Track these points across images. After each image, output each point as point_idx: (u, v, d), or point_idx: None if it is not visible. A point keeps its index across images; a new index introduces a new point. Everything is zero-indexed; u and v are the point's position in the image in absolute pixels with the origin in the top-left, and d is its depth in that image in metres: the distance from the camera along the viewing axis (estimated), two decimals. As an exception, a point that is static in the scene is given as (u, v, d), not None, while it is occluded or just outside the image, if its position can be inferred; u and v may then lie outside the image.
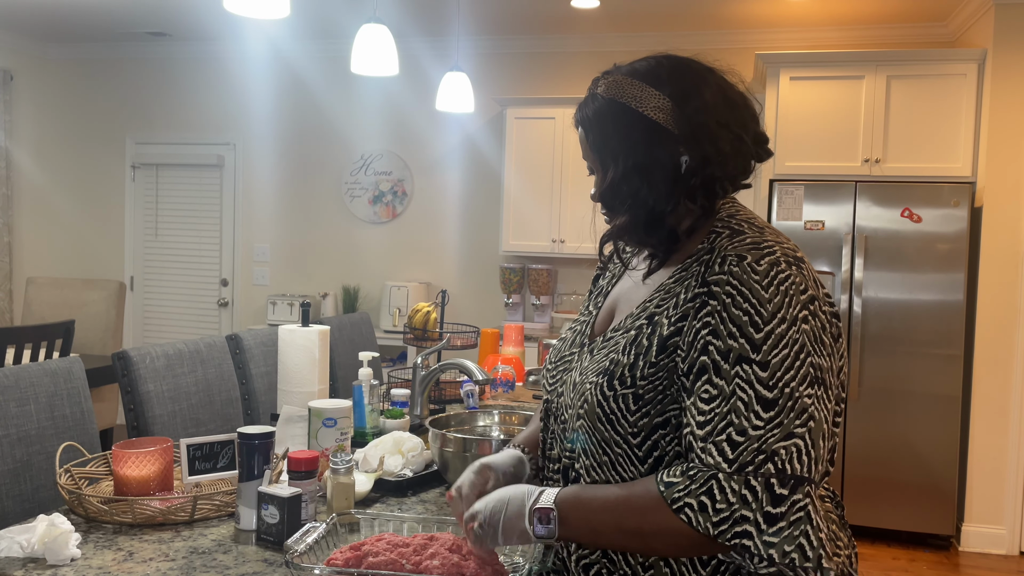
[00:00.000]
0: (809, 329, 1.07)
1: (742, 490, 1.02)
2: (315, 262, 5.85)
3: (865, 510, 4.20)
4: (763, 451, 1.02)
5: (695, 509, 1.04)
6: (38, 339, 3.71)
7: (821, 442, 1.04)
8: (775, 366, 1.04)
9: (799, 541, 1.00)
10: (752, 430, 1.03)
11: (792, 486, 1.02)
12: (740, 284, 1.08)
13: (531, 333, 4.91)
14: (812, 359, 1.06)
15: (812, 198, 4.28)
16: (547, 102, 5.05)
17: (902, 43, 4.81)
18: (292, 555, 1.20)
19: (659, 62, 1.21)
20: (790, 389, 1.04)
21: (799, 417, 1.03)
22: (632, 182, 1.17)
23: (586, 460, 1.20)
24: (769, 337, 1.05)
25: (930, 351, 4.13)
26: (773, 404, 1.03)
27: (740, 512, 1.02)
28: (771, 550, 1.00)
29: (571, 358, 1.31)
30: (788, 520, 1.01)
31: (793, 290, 1.08)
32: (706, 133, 1.15)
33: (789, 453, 1.02)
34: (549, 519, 1.12)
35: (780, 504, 1.01)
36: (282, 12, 2.27)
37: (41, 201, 6.25)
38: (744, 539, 1.01)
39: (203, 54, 5.95)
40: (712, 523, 1.02)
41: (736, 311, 1.07)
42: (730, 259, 1.10)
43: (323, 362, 2.36)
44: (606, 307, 1.33)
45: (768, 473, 1.02)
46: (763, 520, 1.01)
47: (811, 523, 1.01)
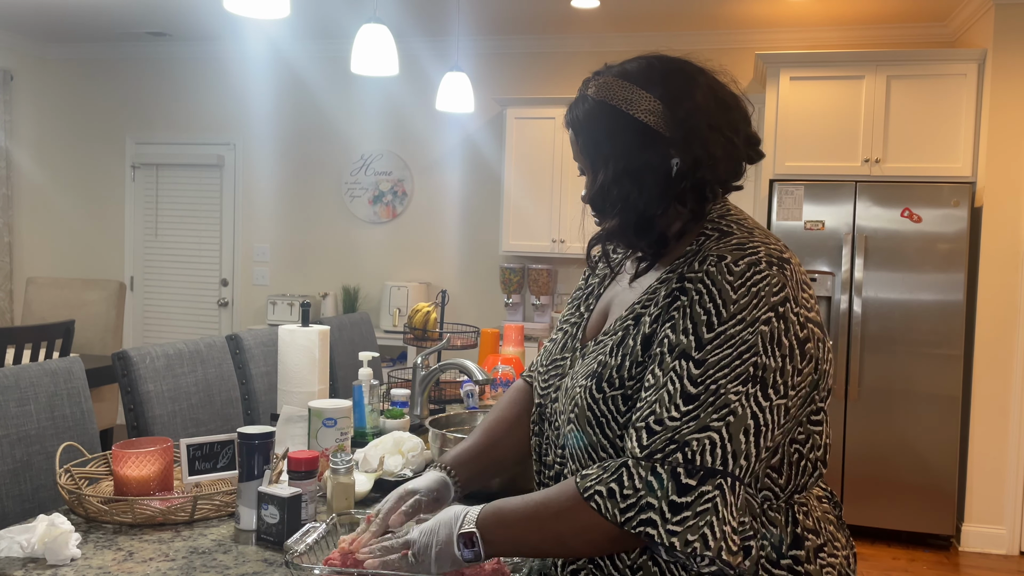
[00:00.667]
0: (768, 331, 1.06)
1: (648, 476, 1.02)
2: (315, 262, 5.85)
3: (865, 510, 4.20)
4: (675, 441, 1.02)
5: (604, 496, 1.04)
6: (38, 339, 3.71)
7: (743, 437, 1.03)
8: (710, 364, 1.05)
9: (703, 531, 1.00)
10: (669, 420, 1.04)
11: (701, 477, 1.01)
12: (712, 284, 1.08)
13: (531, 333, 4.91)
14: (757, 359, 1.05)
15: (812, 198, 4.28)
16: (547, 102, 5.05)
17: (902, 43, 4.81)
18: (292, 555, 1.20)
19: (650, 63, 1.20)
20: (716, 386, 1.04)
21: (718, 412, 1.03)
22: (622, 185, 1.16)
23: (573, 465, 1.20)
24: (718, 337, 1.05)
25: (930, 351, 4.13)
26: (695, 399, 1.04)
27: (645, 499, 1.02)
28: (674, 538, 1.00)
29: (563, 362, 1.30)
30: (694, 510, 1.00)
31: (765, 291, 1.07)
32: (697, 136, 1.14)
33: (701, 445, 1.02)
34: (473, 542, 1.12)
35: (686, 494, 1.01)
36: (282, 12, 2.27)
37: (41, 201, 6.25)
38: (648, 527, 1.01)
39: (203, 54, 5.95)
40: (619, 509, 1.03)
41: (699, 309, 1.08)
42: (710, 259, 1.11)
43: (323, 362, 2.36)
44: (598, 310, 1.32)
45: (676, 462, 1.02)
46: (668, 509, 1.01)
47: (717, 515, 1.00)
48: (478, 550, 1.12)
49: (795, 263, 1.13)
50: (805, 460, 1.15)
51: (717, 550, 1.00)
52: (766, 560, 1.11)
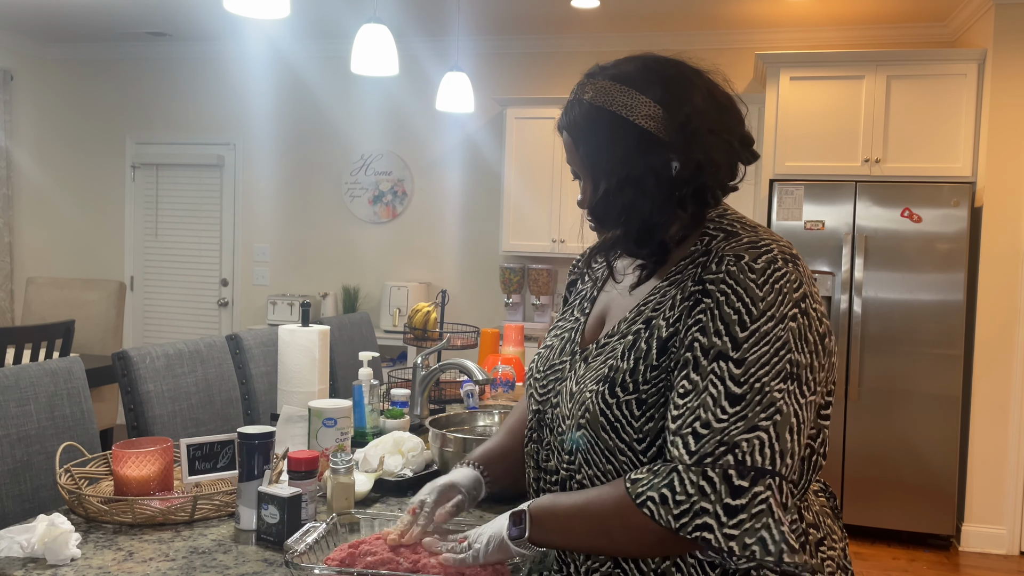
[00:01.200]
0: (796, 327, 1.06)
1: (700, 481, 1.01)
2: (315, 262, 5.85)
3: (865, 510, 4.20)
4: (724, 443, 1.02)
5: (656, 502, 1.03)
6: (38, 339, 3.71)
7: (789, 435, 1.03)
8: (750, 363, 1.04)
9: (760, 534, 0.99)
10: (716, 423, 1.03)
11: (753, 478, 1.00)
12: (736, 283, 1.08)
13: (531, 333, 4.91)
14: (792, 355, 1.05)
15: (812, 198, 4.28)
16: (547, 102, 5.05)
17: (902, 43, 4.81)
18: (292, 555, 1.20)
19: (646, 65, 1.18)
20: (760, 384, 1.03)
21: (765, 411, 1.02)
22: (626, 194, 1.15)
23: (589, 470, 1.18)
24: (753, 335, 1.05)
25: (930, 351, 4.13)
26: (740, 399, 1.03)
27: (699, 504, 1.01)
28: (731, 543, 0.99)
29: (562, 367, 1.28)
30: (749, 512, 0.99)
31: (787, 288, 1.07)
32: (698, 141, 1.13)
33: (751, 445, 1.01)
34: (521, 519, 1.13)
35: (740, 496, 1.00)
36: (282, 12, 2.27)
37: (41, 201, 6.25)
38: (705, 532, 1.00)
39: (203, 54, 5.95)
40: (673, 516, 1.02)
41: (728, 309, 1.07)
42: (727, 259, 1.10)
43: (323, 362, 2.36)
44: (595, 313, 1.31)
45: (727, 464, 1.01)
46: (723, 512, 1.00)
47: (773, 516, 0.99)
48: (523, 527, 1.12)
49: (802, 260, 1.14)
50: (816, 455, 1.15)
51: (779, 553, 0.99)
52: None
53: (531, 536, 1.12)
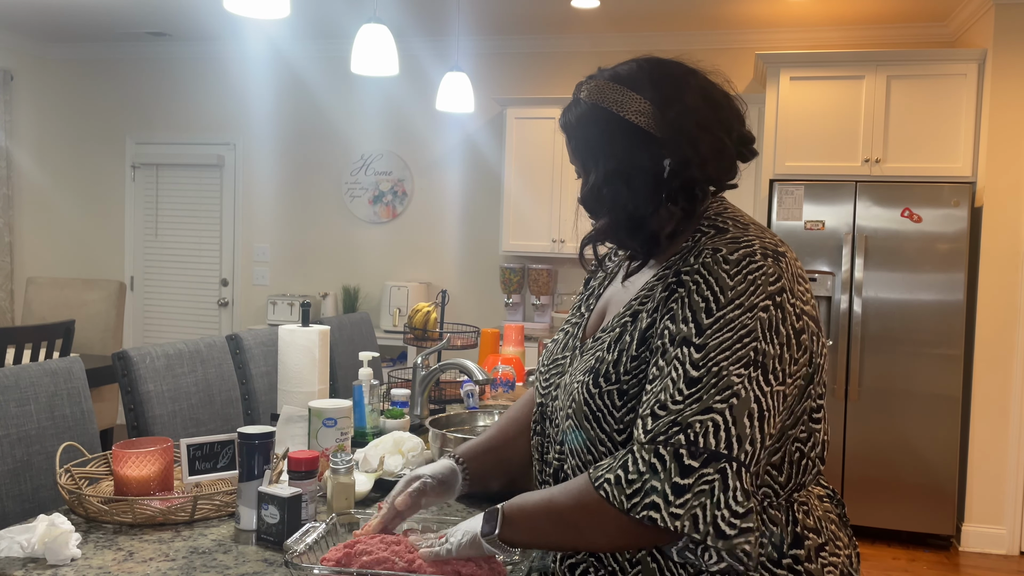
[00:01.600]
0: (766, 317, 1.06)
1: (651, 459, 1.03)
2: (315, 262, 5.85)
3: (865, 510, 4.20)
4: (677, 423, 1.03)
5: (612, 483, 1.05)
6: (38, 339, 3.71)
7: (747, 420, 1.02)
8: (711, 347, 1.05)
9: (695, 512, 0.99)
10: (672, 404, 1.04)
11: (704, 460, 1.01)
12: (708, 273, 1.10)
13: (531, 333, 4.91)
14: (757, 344, 1.05)
15: (812, 198, 4.28)
16: (547, 102, 5.05)
17: (902, 43, 4.81)
18: (292, 555, 1.20)
19: (640, 66, 1.21)
20: (718, 368, 1.04)
21: (720, 393, 1.03)
22: (613, 185, 1.18)
23: (573, 460, 1.21)
24: (717, 321, 1.06)
25: (930, 351, 4.13)
26: (697, 381, 1.04)
27: (650, 483, 1.02)
28: (676, 522, 1.00)
29: (563, 361, 1.31)
30: (693, 492, 1.00)
31: (762, 280, 1.08)
32: (687, 136, 1.15)
33: (704, 427, 1.01)
34: (493, 517, 1.13)
35: (688, 476, 1.00)
36: (282, 12, 2.27)
37: (41, 201, 6.25)
38: (652, 511, 1.01)
39: (203, 54, 5.95)
40: (626, 495, 1.03)
41: (697, 297, 1.09)
42: (705, 252, 1.12)
43: (323, 362, 2.36)
44: (598, 309, 1.33)
45: (678, 444, 1.01)
46: (671, 491, 1.00)
47: (713, 498, 0.99)
48: (495, 524, 1.12)
49: (791, 257, 1.14)
50: (806, 459, 1.15)
51: (705, 533, 0.99)
52: (767, 559, 1.11)
53: (501, 534, 1.12)
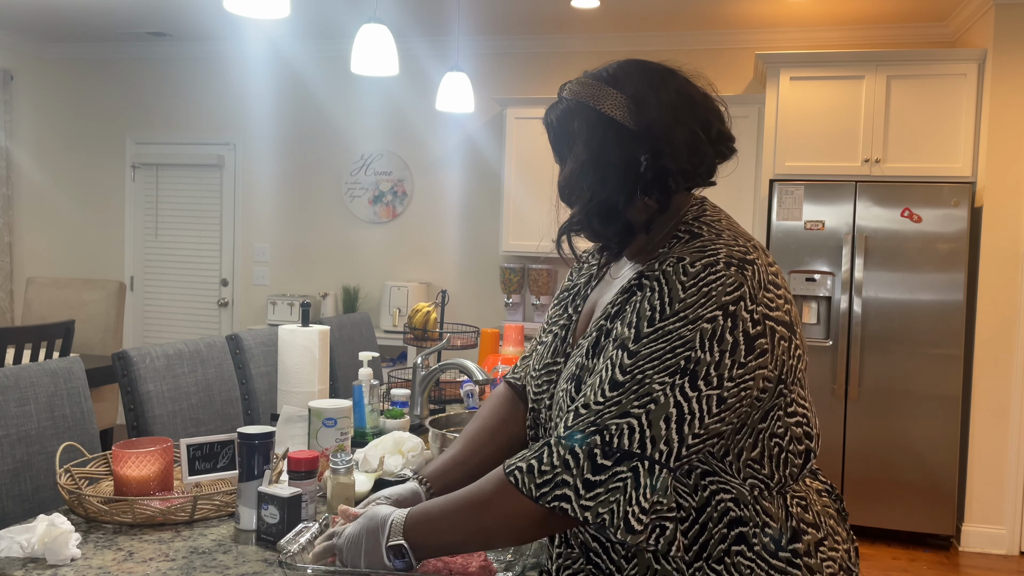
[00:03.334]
0: (709, 328, 1.07)
1: (566, 455, 1.07)
2: (315, 262, 5.85)
3: (865, 510, 4.20)
4: (595, 424, 1.07)
5: (523, 471, 1.09)
6: (38, 339, 3.71)
7: (663, 424, 1.05)
8: (641, 356, 1.08)
9: (611, 507, 1.04)
10: (594, 404, 1.09)
11: (617, 459, 1.05)
12: (665, 282, 1.12)
13: (531, 333, 4.91)
14: (691, 353, 1.07)
15: (812, 198, 4.28)
16: (547, 102, 5.01)
17: (902, 43, 4.81)
18: (286, 555, 1.20)
19: (621, 66, 1.24)
20: (643, 375, 1.07)
21: (640, 399, 1.06)
22: (586, 175, 1.20)
23: None
24: (656, 331, 1.09)
25: (930, 351, 4.13)
26: (620, 386, 1.08)
27: (561, 476, 1.06)
28: (587, 512, 1.05)
29: (556, 368, 1.31)
30: (606, 487, 1.04)
31: (717, 291, 1.09)
32: (661, 128, 1.17)
33: (620, 429, 1.06)
34: (403, 552, 1.14)
35: (600, 473, 1.05)
36: (282, 12, 2.27)
37: (41, 201, 6.25)
38: (563, 502, 1.06)
39: (203, 54, 5.95)
40: (535, 484, 1.07)
41: (645, 305, 1.11)
42: (669, 259, 1.14)
43: (323, 362, 2.36)
44: (585, 312, 1.33)
45: (594, 443, 1.06)
46: (582, 486, 1.05)
47: (625, 494, 1.04)
48: (409, 560, 1.14)
49: (761, 263, 1.14)
50: (786, 452, 1.16)
51: (616, 527, 1.03)
52: (763, 551, 1.11)
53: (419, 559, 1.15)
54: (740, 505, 1.12)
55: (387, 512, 1.17)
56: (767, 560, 1.11)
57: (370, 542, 1.16)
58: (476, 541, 1.14)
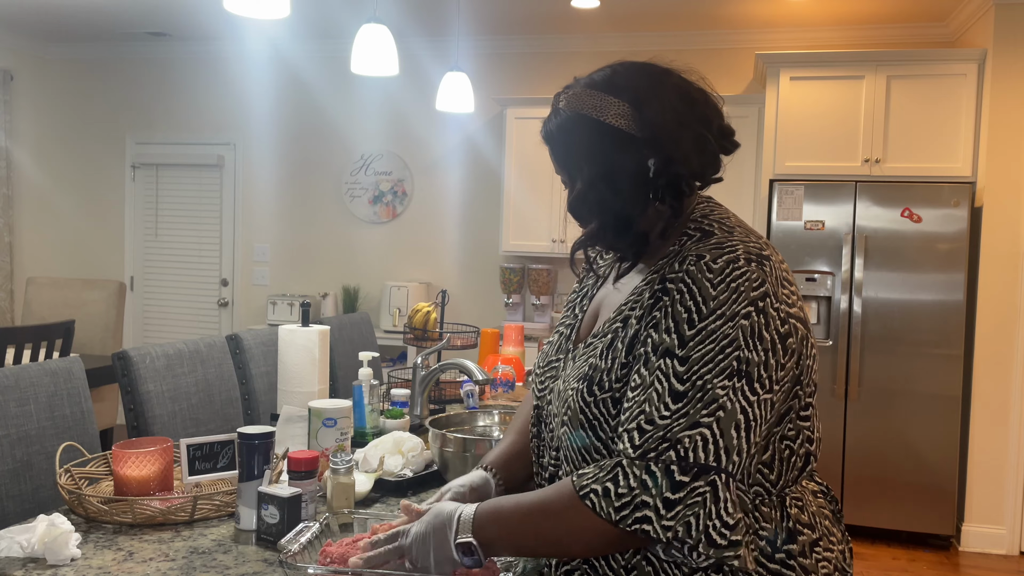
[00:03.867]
0: (748, 325, 1.07)
1: (643, 475, 1.04)
2: (315, 262, 5.85)
3: (865, 510, 4.20)
4: (667, 439, 1.04)
5: (599, 495, 1.06)
6: (38, 339, 3.71)
7: (734, 432, 1.04)
8: (694, 360, 1.06)
9: (688, 520, 1.02)
10: (659, 419, 1.05)
11: (695, 474, 1.03)
12: (692, 281, 1.10)
13: (531, 333, 4.91)
14: (740, 353, 1.06)
15: (812, 198, 4.28)
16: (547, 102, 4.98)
17: (902, 43, 4.81)
18: (286, 555, 1.20)
19: (615, 70, 1.22)
20: (703, 381, 1.05)
21: (707, 407, 1.04)
22: (598, 189, 1.18)
23: (568, 467, 1.21)
24: (700, 333, 1.07)
25: (930, 351, 4.13)
26: (683, 396, 1.05)
27: (640, 497, 1.03)
28: (668, 533, 1.02)
29: (557, 364, 1.32)
30: (686, 504, 1.02)
31: (745, 286, 1.08)
32: (667, 133, 1.15)
33: (693, 442, 1.03)
34: (472, 550, 1.13)
35: (679, 490, 1.02)
36: (282, 12, 2.27)
37: (41, 201, 6.25)
38: (644, 524, 1.03)
39: (203, 54, 5.95)
40: (615, 508, 1.04)
41: (680, 307, 1.09)
42: (689, 258, 1.12)
43: (323, 362, 2.36)
44: (590, 311, 1.33)
45: (669, 460, 1.03)
46: (662, 506, 1.02)
47: (705, 508, 1.02)
48: (478, 558, 1.13)
49: (776, 260, 1.14)
50: (795, 455, 1.16)
51: (696, 540, 1.01)
52: (760, 554, 1.11)
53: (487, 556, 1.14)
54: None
55: (453, 508, 1.16)
56: (763, 563, 1.11)
57: (438, 538, 1.15)
58: (547, 549, 1.13)
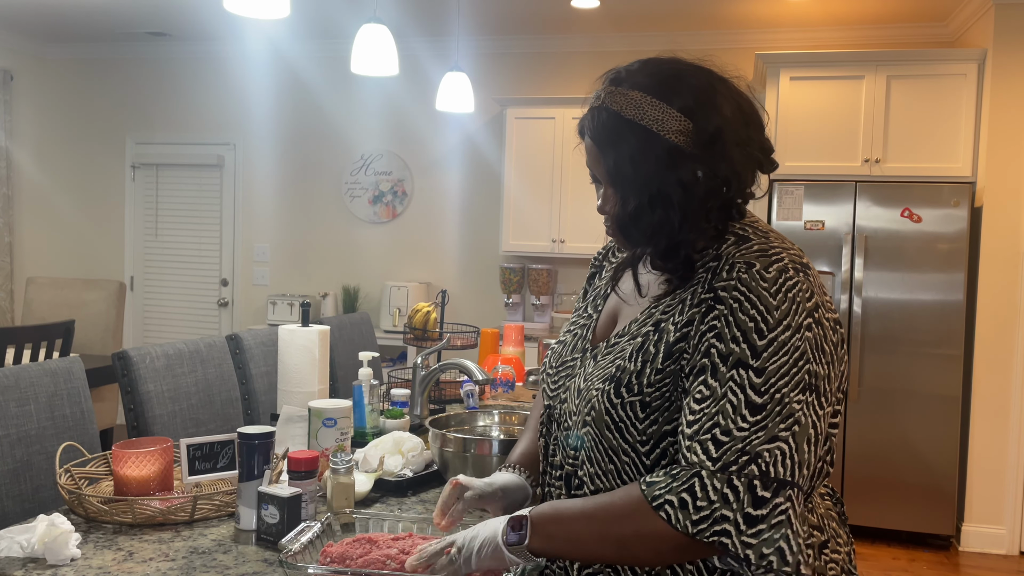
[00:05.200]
0: (812, 336, 1.06)
1: (724, 489, 1.01)
2: (315, 262, 5.85)
3: (865, 510, 4.20)
4: (747, 452, 1.02)
5: (675, 506, 1.03)
6: (38, 339, 3.71)
7: (806, 446, 1.03)
8: (771, 372, 1.04)
9: (779, 544, 0.99)
10: (737, 431, 1.03)
11: (775, 489, 1.01)
12: (748, 291, 1.07)
13: (531, 333, 4.90)
14: (810, 366, 1.05)
15: (812, 198, 4.28)
16: (547, 102, 5.05)
17: (902, 43, 4.81)
18: (286, 555, 1.20)
19: (674, 73, 1.14)
20: (780, 395, 1.03)
21: (784, 421, 1.02)
22: (656, 212, 1.12)
23: (591, 468, 1.18)
24: (771, 344, 1.05)
25: (930, 351, 4.13)
26: (761, 408, 1.03)
27: (721, 511, 1.01)
28: (748, 551, 1.00)
29: (573, 363, 1.29)
30: (768, 523, 1.00)
31: (800, 297, 1.07)
32: (724, 155, 1.11)
33: (773, 456, 1.01)
34: (521, 524, 1.11)
35: (761, 506, 1.00)
36: (282, 12, 2.27)
37: (41, 201, 6.25)
38: (723, 537, 1.00)
39: (203, 54, 5.95)
40: (692, 521, 1.01)
41: (743, 316, 1.06)
42: (739, 266, 1.09)
43: (323, 362, 2.36)
44: (607, 311, 1.30)
45: (751, 475, 1.01)
46: (743, 521, 1.00)
47: (791, 527, 1.00)
48: (524, 533, 1.10)
49: (813, 269, 1.13)
50: (822, 463, 1.15)
51: (795, 564, 1.00)
52: None
53: (531, 544, 1.10)
54: None
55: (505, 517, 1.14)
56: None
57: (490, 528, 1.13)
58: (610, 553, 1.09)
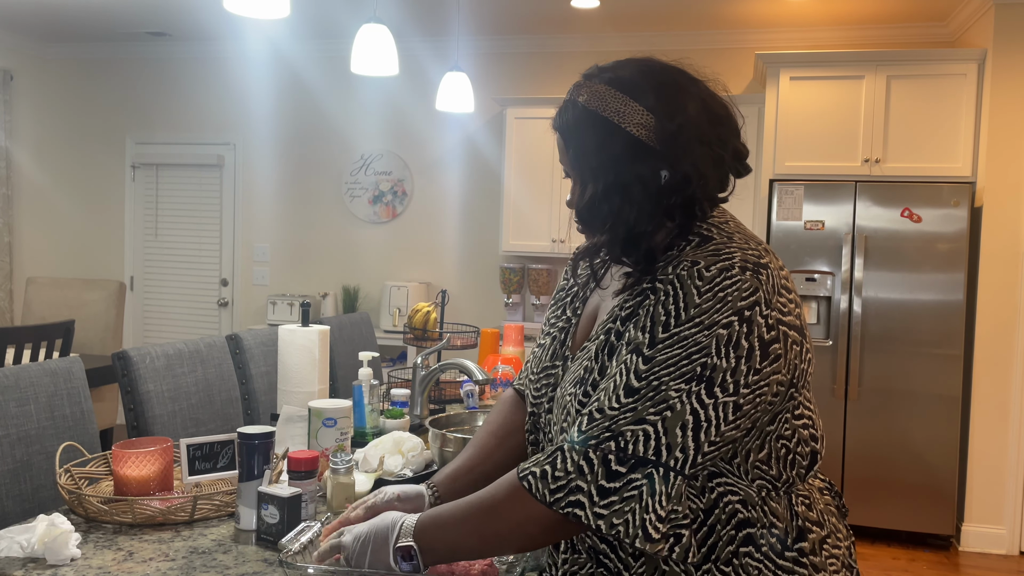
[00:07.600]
0: (725, 334, 1.06)
1: (580, 461, 1.06)
2: (315, 262, 5.85)
3: (865, 510, 4.20)
4: (611, 430, 1.06)
5: (536, 476, 1.08)
6: (38, 339, 3.71)
7: (679, 431, 1.05)
8: (658, 362, 1.07)
9: (626, 516, 1.03)
10: (609, 410, 1.07)
11: (632, 465, 1.04)
12: (680, 286, 1.09)
13: (531, 333, 4.90)
14: (707, 360, 1.06)
15: (812, 198, 4.28)
16: (547, 102, 5.05)
17: (902, 43, 4.81)
18: (286, 554, 1.20)
19: (643, 70, 1.16)
20: (659, 382, 1.06)
21: (656, 406, 1.05)
22: (612, 201, 1.15)
23: None
24: (671, 337, 1.07)
25: (930, 351, 4.13)
26: (635, 392, 1.07)
27: (576, 482, 1.05)
28: (600, 521, 1.04)
29: (555, 371, 1.30)
30: (621, 496, 1.04)
31: (733, 295, 1.07)
32: (688, 152, 1.12)
33: (635, 436, 1.05)
34: (411, 555, 1.14)
35: (614, 480, 1.04)
36: (282, 12, 2.27)
37: (41, 201, 6.25)
38: (576, 508, 1.05)
39: (203, 54, 5.95)
40: (549, 490, 1.07)
41: (660, 309, 1.09)
42: (684, 263, 1.11)
43: (323, 362, 2.36)
44: (586, 315, 1.31)
45: (608, 450, 1.05)
46: (596, 492, 1.04)
47: (641, 502, 1.03)
48: (416, 563, 1.13)
49: (774, 267, 1.13)
50: (793, 454, 1.16)
51: (634, 536, 1.03)
52: (771, 551, 1.12)
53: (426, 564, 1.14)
54: (748, 507, 1.12)
55: (398, 516, 1.17)
56: (774, 560, 1.11)
57: (378, 542, 1.16)
58: (486, 547, 1.13)
